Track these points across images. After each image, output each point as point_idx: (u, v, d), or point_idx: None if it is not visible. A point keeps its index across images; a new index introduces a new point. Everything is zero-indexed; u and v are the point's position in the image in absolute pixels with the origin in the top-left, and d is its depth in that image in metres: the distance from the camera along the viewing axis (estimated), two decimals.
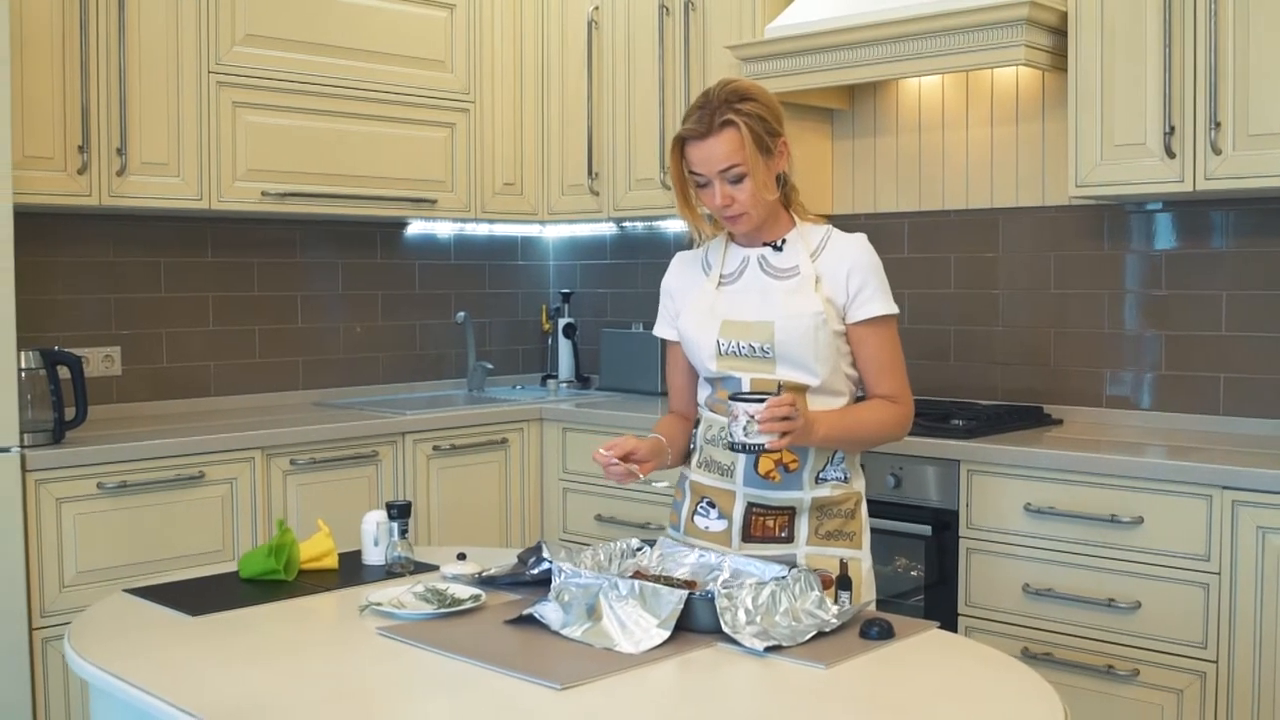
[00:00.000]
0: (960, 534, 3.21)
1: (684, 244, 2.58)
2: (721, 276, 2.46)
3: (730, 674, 1.87)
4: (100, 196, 3.49)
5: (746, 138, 2.28)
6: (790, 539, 2.35)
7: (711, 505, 2.42)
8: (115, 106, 3.50)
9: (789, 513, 2.35)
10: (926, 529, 3.23)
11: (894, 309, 2.38)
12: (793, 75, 3.72)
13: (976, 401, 3.80)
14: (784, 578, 2.05)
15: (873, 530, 2.47)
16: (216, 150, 3.73)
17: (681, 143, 2.35)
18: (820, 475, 2.36)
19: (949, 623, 3.19)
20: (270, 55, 3.84)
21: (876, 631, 1.98)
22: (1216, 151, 3.03)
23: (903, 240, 4.01)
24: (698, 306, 2.45)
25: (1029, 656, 3.05)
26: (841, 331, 2.36)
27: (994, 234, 3.85)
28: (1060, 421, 3.62)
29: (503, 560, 2.40)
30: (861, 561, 2.39)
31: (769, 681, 1.84)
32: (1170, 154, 3.10)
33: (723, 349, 2.38)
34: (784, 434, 2.14)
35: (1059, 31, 3.33)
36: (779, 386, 2.26)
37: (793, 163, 2.42)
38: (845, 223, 4.09)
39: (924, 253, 3.98)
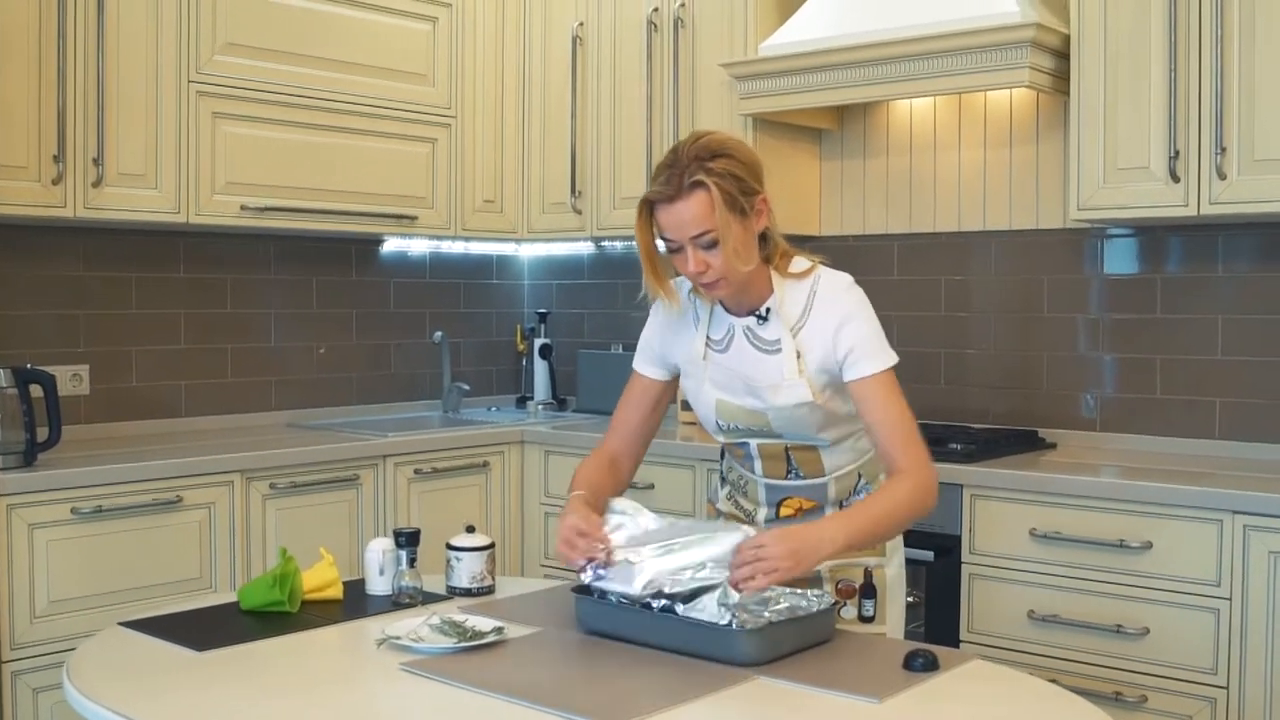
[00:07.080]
0: (962, 559, 3.16)
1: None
2: (709, 340, 2.31)
3: (777, 710, 1.80)
4: (75, 208, 3.35)
5: (718, 200, 2.08)
6: None
7: None
8: (92, 115, 3.37)
9: None
10: (929, 554, 3.18)
11: (889, 361, 2.22)
12: (790, 94, 3.66)
13: (969, 425, 3.77)
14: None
15: None
16: (195, 162, 3.60)
17: (650, 205, 2.15)
18: (844, 504, 2.34)
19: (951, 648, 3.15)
20: (251, 65, 3.72)
21: (921, 663, 1.93)
22: (1221, 176, 3.02)
23: (892, 262, 3.97)
24: (692, 373, 2.34)
25: None
26: (842, 388, 2.24)
27: (986, 257, 3.82)
28: (1054, 445, 3.59)
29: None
30: (885, 568, 2.35)
31: (819, 717, 1.77)
32: (1175, 178, 3.08)
33: (723, 427, 2.33)
34: (770, 573, 1.97)
35: (1060, 54, 3.31)
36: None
37: (774, 218, 2.23)
38: (833, 245, 4.08)
39: (913, 275, 3.95)
